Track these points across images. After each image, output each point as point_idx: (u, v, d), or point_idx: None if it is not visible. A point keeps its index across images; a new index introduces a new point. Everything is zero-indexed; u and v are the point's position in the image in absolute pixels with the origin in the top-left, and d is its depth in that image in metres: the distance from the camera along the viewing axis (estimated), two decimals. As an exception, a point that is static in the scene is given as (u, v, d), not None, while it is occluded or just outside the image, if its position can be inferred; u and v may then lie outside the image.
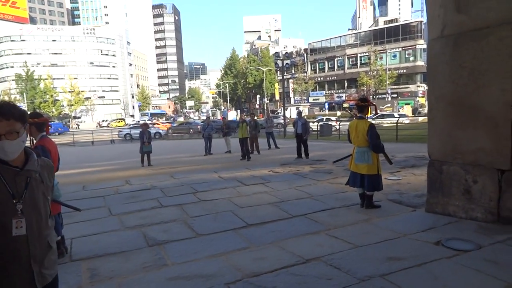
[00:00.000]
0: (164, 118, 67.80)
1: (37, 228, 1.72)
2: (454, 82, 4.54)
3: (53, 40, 78.23)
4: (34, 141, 3.90)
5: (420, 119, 30.54)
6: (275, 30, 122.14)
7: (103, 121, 68.93)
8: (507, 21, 3.97)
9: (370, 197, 5.38)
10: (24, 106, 57.17)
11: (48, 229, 1.81)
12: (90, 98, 73.24)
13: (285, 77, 31.56)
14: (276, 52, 39.00)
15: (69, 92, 65.09)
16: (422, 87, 50.45)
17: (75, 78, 68.57)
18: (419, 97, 51.65)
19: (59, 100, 65.06)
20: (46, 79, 63.13)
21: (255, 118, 15.55)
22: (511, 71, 3.96)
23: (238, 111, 69.84)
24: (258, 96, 71.33)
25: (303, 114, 13.71)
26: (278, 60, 29.64)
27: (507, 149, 4.05)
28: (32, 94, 61.18)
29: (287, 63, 28.88)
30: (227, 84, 78.06)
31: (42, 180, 1.79)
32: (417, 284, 2.90)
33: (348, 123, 5.90)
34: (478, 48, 4.25)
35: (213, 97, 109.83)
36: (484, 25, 4.20)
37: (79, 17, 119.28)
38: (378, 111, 41.22)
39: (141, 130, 12.84)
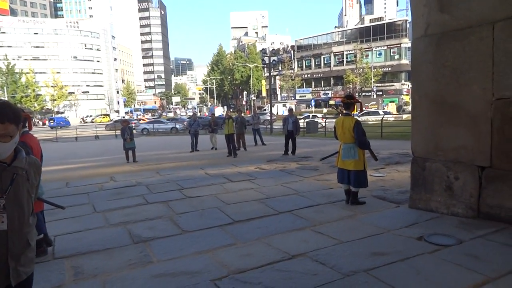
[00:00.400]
0: (150, 114, 67.07)
1: (18, 225, 1.73)
2: (437, 81, 4.63)
3: (35, 33, 76.24)
4: None
5: (405, 116, 31.03)
6: (262, 27, 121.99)
7: (87, 116, 67.73)
8: (488, 22, 4.06)
9: (355, 194, 5.45)
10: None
11: (29, 226, 1.81)
12: (73, 93, 71.77)
13: (272, 74, 31.57)
14: (263, 49, 38.97)
15: (52, 86, 63.64)
16: (407, 85, 51.26)
17: (58, 73, 67.01)
18: (403, 95, 52.49)
19: (41, 94, 63.52)
20: (27, 73, 61.52)
21: (242, 114, 15.53)
22: (491, 71, 4.06)
23: (225, 107, 69.63)
24: (245, 92, 71.26)
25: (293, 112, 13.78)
26: (265, 57, 29.63)
27: (487, 147, 4.16)
28: (13, 88, 59.55)
29: (274, 60, 28.89)
30: (214, 80, 77.68)
31: (28, 178, 1.79)
32: (400, 279, 2.96)
33: (334, 120, 5.94)
34: (460, 47, 4.34)
35: (199, 93, 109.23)
36: (466, 25, 4.29)
37: (62, 10, 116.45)
38: (364, 108, 41.75)
39: (122, 127, 12.69)
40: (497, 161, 4.08)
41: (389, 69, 54.26)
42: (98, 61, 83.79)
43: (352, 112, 5.48)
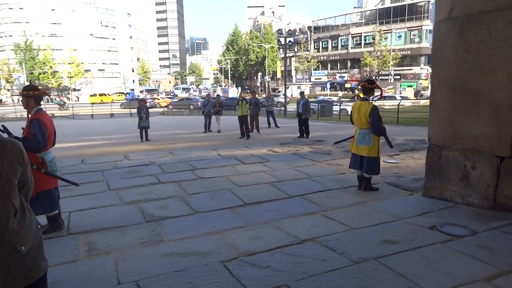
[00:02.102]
0: (163, 94, 67.23)
1: None
2: (458, 66, 4.45)
3: (52, 9, 76.42)
4: (30, 115, 3.84)
5: (422, 102, 30.29)
6: (279, 6, 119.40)
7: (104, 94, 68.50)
8: (518, 5, 3.84)
9: (368, 180, 5.39)
10: (23, 76, 56.60)
11: (12, 232, 1.55)
12: (89, 70, 72.34)
13: (287, 55, 31.05)
14: (279, 29, 38.22)
15: (69, 63, 64.18)
16: (426, 70, 49.85)
17: (74, 50, 67.43)
18: (422, 79, 51.11)
19: (58, 71, 64.24)
20: (45, 49, 62.07)
21: (256, 96, 15.40)
22: (518, 57, 3.87)
23: (239, 88, 69.29)
24: (259, 73, 70.53)
25: (305, 94, 13.84)
26: (281, 38, 29.08)
27: (508, 136, 4.02)
28: (31, 64, 60.35)
29: (290, 41, 28.33)
30: (228, 61, 77.00)
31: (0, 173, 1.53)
32: (410, 268, 2.93)
33: (350, 103, 5.81)
34: (486, 31, 4.14)
35: (214, 73, 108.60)
36: (494, 7, 4.07)
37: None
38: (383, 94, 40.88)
39: (138, 105, 12.79)
40: (518, 152, 3.94)
41: (409, 52, 52.67)
42: (113, 38, 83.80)
43: (371, 97, 5.36)
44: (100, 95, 54.24)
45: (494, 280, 2.71)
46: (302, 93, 13.81)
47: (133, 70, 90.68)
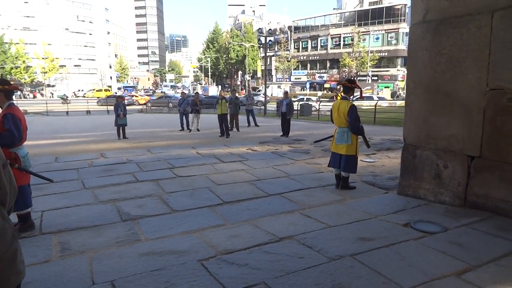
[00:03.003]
0: (140, 92, 66.13)
1: None
2: (432, 69, 4.59)
3: (25, 2, 73.64)
4: (0, 109, 3.71)
5: (398, 103, 31.04)
6: (260, 5, 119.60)
7: (79, 90, 66.59)
8: (487, 10, 4.00)
9: (345, 179, 5.48)
10: (-7, 71, 54.33)
11: None
12: (65, 66, 70.19)
13: (268, 54, 31.15)
14: (259, 28, 38.26)
15: (43, 58, 62.06)
16: (402, 71, 51.07)
17: (49, 44, 65.26)
18: (398, 80, 52.36)
19: (31, 66, 62.01)
20: (17, 43, 59.77)
21: (236, 94, 15.38)
22: (487, 60, 4.02)
23: (219, 86, 68.94)
24: (240, 72, 70.41)
25: (289, 94, 14.12)
26: (262, 37, 29.15)
27: (478, 137, 4.18)
28: (3, 59, 57.94)
29: (270, 40, 28.42)
30: (208, 59, 76.49)
31: None
32: (384, 264, 3.01)
33: (329, 103, 5.88)
34: (458, 35, 4.29)
35: (194, 71, 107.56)
36: (465, 12, 4.22)
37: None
38: (358, 93, 41.67)
39: (115, 102, 12.51)
40: (487, 152, 4.11)
41: (386, 54, 53.87)
42: (90, 34, 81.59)
43: (350, 97, 5.46)
44: (105, 90, 53.68)
45: (464, 275, 2.81)
46: (286, 93, 14.10)
47: (110, 67, 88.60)
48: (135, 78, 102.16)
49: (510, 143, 3.90)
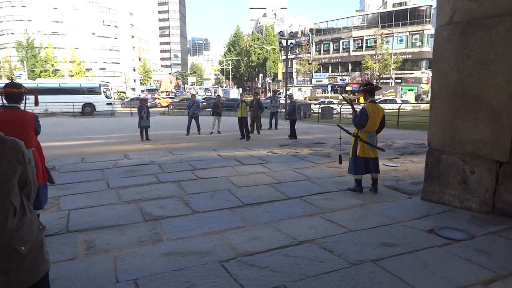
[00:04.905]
0: (163, 94, 67.33)
1: None
2: (459, 71, 4.47)
3: (55, 8, 76.57)
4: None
5: (423, 106, 30.35)
6: (281, 8, 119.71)
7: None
8: (519, 11, 3.86)
9: (355, 180, 5.57)
10: (24, 74, 56.62)
11: (11, 231, 1.54)
12: (91, 69, 72.42)
13: (289, 57, 31.11)
14: (280, 31, 38.42)
15: (70, 62, 64.25)
16: (427, 74, 49.85)
17: (76, 48, 67.53)
18: (423, 83, 51.12)
19: (59, 70, 64.30)
20: (47, 47, 62.15)
21: (258, 97, 15.41)
22: (518, 63, 3.89)
23: (240, 89, 69.34)
24: (260, 75, 70.62)
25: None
26: (283, 39, 29.13)
27: (507, 142, 4.03)
28: (33, 62, 60.39)
29: (291, 43, 28.36)
30: (230, 62, 77.10)
31: None
32: (407, 271, 2.94)
33: (349, 107, 5.78)
34: (486, 37, 4.16)
35: (215, 74, 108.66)
36: (494, 13, 4.09)
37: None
38: (381, 96, 40.97)
39: (139, 105, 12.78)
40: (517, 157, 3.96)
41: (410, 56, 52.71)
42: (115, 38, 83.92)
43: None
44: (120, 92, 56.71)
45: (491, 285, 2.72)
46: (290, 96, 15.12)
47: (134, 70, 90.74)
48: (157, 81, 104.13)
49: (542, 148, 3.74)
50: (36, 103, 3.89)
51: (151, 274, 2.98)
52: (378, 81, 50.99)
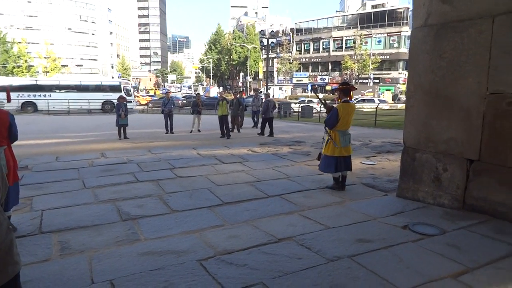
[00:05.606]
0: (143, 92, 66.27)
1: None
2: (433, 72, 4.61)
3: (28, 1, 73.97)
4: None
5: (399, 106, 31.08)
6: (263, 7, 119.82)
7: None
8: (488, 15, 4.02)
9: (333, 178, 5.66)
10: (-5, 70, 54.46)
11: None
12: (67, 65, 70.37)
13: (269, 56, 31.24)
14: (262, 30, 38.52)
15: (45, 58, 62.22)
16: (404, 74, 51.07)
17: (51, 44, 65.44)
18: (400, 84, 52.36)
19: (34, 66, 62.17)
20: (20, 42, 59.94)
21: (238, 96, 15.39)
22: (488, 65, 4.04)
23: (221, 87, 69.10)
24: (241, 73, 70.53)
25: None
26: (264, 38, 29.24)
27: (477, 140, 4.19)
28: (5, 58, 58.07)
29: (272, 42, 28.51)
30: (210, 60, 76.65)
31: None
32: (382, 266, 3.02)
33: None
34: (459, 39, 4.31)
35: (196, 72, 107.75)
36: (467, 17, 4.24)
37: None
38: (360, 95, 41.68)
39: (117, 102, 12.51)
40: (486, 155, 4.12)
41: (388, 57, 53.89)
42: (93, 34, 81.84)
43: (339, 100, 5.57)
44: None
45: (461, 277, 2.83)
46: (266, 95, 15.81)
47: (112, 67, 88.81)
48: (137, 78, 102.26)
49: (509, 147, 3.91)
50: (9, 99, 3.77)
51: (128, 274, 2.94)
52: (357, 81, 51.90)
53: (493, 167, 4.07)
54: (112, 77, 53.67)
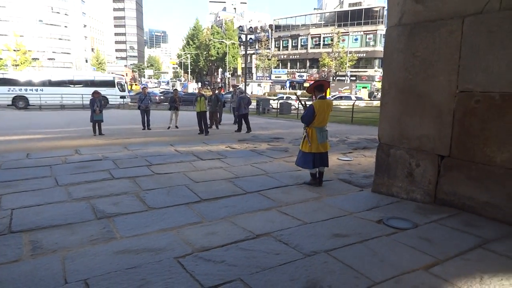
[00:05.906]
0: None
1: None
2: (406, 70, 4.74)
3: (-5, -9, 70.65)
4: None
5: (375, 103, 31.73)
6: (241, 3, 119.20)
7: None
8: (458, 15, 4.16)
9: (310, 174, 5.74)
10: (-40, 63, 51.84)
11: None
12: (38, 59, 67.73)
13: (248, 52, 31.17)
14: (240, 26, 38.33)
15: (14, 50, 59.64)
16: (379, 72, 52.20)
17: (21, 36, 62.74)
18: (376, 81, 53.49)
19: (2, 59, 59.51)
20: (-14, 34, 57.25)
21: (216, 92, 15.30)
22: (458, 64, 4.19)
23: (199, 83, 68.41)
24: (220, 69, 70.08)
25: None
26: (242, 34, 29.18)
27: (447, 137, 4.35)
28: (-30, 50, 55.43)
29: (251, 38, 28.46)
30: (188, 55, 75.71)
31: None
32: (357, 260, 3.09)
33: (309, 102, 5.88)
34: (431, 39, 4.44)
35: (173, 68, 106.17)
36: (438, 17, 4.37)
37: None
38: (337, 92, 42.30)
39: (91, 98, 12.16)
40: (456, 151, 4.29)
41: (364, 55, 54.91)
42: (65, 26, 79.09)
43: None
44: None
45: (432, 269, 2.94)
46: (240, 90, 16.08)
47: (86, 61, 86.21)
48: (112, 73, 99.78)
49: (476, 143, 4.08)
50: None
51: (103, 273, 2.88)
52: (334, 78, 52.61)
53: (462, 163, 4.23)
54: (109, 73, 51.96)
